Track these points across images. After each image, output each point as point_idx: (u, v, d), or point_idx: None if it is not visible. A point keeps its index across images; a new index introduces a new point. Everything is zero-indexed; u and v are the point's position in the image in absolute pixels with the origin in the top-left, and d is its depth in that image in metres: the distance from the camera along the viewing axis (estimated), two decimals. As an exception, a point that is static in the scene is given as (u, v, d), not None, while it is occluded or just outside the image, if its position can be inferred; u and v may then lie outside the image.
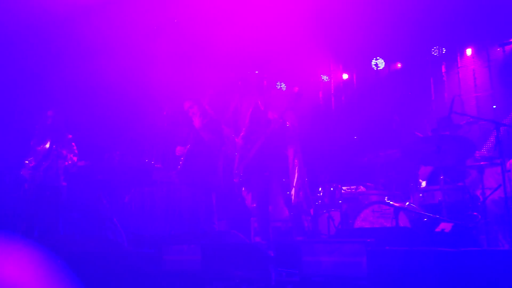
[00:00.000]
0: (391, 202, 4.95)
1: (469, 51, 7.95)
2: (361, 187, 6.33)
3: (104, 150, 7.17)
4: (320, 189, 6.02)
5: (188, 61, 8.07)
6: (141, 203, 7.30)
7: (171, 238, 4.81)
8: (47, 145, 5.99)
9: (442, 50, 8.10)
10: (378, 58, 8.74)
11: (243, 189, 5.22)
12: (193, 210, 5.36)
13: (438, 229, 4.40)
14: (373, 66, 8.77)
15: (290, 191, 4.94)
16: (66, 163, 5.87)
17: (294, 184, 4.91)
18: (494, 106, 7.18)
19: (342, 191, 6.02)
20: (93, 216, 6.08)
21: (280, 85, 9.30)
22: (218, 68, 7.83)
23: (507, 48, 7.52)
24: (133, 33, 7.50)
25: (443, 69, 8.18)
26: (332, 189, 5.99)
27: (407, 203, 5.20)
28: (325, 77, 9.32)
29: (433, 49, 8.14)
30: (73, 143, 6.10)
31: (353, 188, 6.28)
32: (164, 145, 7.14)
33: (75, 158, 5.98)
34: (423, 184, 5.80)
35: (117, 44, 7.53)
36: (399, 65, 8.70)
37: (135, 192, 7.10)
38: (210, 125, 5.28)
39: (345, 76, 9.28)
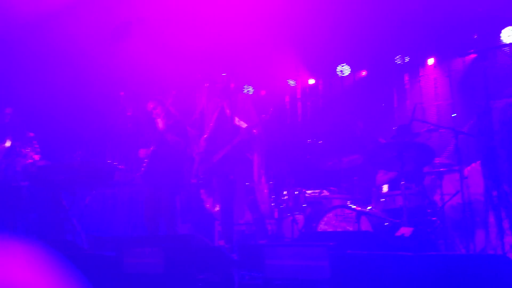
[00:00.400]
0: (353, 206, 5.02)
1: (431, 61, 8.19)
2: (325, 191, 6.41)
3: (65, 150, 6.99)
4: (284, 192, 6.06)
5: (153, 61, 7.98)
6: (103, 205, 7.15)
7: (133, 241, 4.73)
8: (6, 144, 5.79)
9: (405, 59, 8.31)
10: (343, 65, 8.88)
11: (202, 191, 5.19)
12: (156, 212, 5.29)
13: (398, 233, 4.50)
14: (338, 73, 8.91)
15: (254, 195, 4.95)
16: (26, 162, 5.70)
17: (258, 188, 4.92)
18: (454, 115, 7.40)
19: (306, 195, 6.08)
20: (52, 217, 5.91)
21: (247, 88, 9.31)
22: (184, 69, 7.78)
23: (467, 59, 7.78)
24: (97, 31, 7.36)
25: (406, 78, 8.39)
26: (296, 193, 6.04)
27: (369, 207, 5.29)
28: (292, 82, 9.39)
29: (396, 58, 8.34)
30: (34, 142, 5.92)
31: (317, 192, 6.34)
32: (127, 146, 7.03)
33: (36, 157, 5.80)
34: (385, 189, 5.92)
35: (81, 42, 7.37)
36: (364, 73, 8.86)
37: (97, 193, 6.95)
38: (175, 127, 5.22)
39: (311, 81, 9.38)
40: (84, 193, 6.51)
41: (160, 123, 5.19)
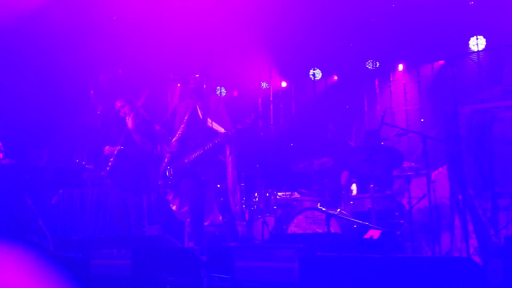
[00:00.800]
0: (323, 209, 5.06)
1: (400, 67, 8.35)
2: (296, 193, 6.44)
3: (31, 148, 6.81)
4: (255, 194, 6.06)
5: (125, 60, 7.87)
6: (70, 205, 7.00)
7: (100, 242, 4.64)
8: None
9: (376, 64, 8.45)
10: (315, 68, 8.97)
11: (169, 192, 5.12)
12: (124, 213, 5.20)
13: (367, 236, 4.55)
14: (311, 76, 8.98)
15: (226, 197, 4.91)
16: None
17: (230, 190, 4.88)
18: (422, 120, 7.56)
19: (277, 197, 6.10)
20: (17, 218, 5.74)
21: (220, 90, 9.29)
22: (157, 69, 7.70)
23: (436, 65, 7.96)
24: (67, 29, 7.21)
25: (376, 83, 8.52)
26: (267, 194, 6.05)
27: (339, 209, 5.34)
28: (264, 84, 9.42)
29: (367, 63, 8.47)
30: (-2, 139, 5.74)
31: (288, 194, 6.37)
32: (96, 145, 6.90)
33: (0, 155, 5.63)
34: (354, 192, 5.99)
35: (50, 40, 7.21)
36: (335, 77, 8.96)
37: (64, 193, 6.80)
38: (143, 126, 5.15)
39: (283, 84, 9.43)
40: (50, 193, 6.36)
41: (129, 122, 5.11)
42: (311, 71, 9.01)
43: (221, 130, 4.85)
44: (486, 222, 3.32)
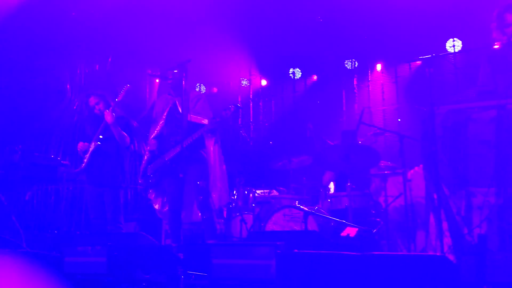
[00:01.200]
0: (301, 207, 5.08)
1: (379, 66, 8.43)
2: (274, 191, 6.46)
3: (4, 143, 6.67)
4: (234, 192, 6.05)
5: (102, 54, 7.76)
6: (44, 202, 6.87)
7: (75, 239, 4.57)
8: None
9: (355, 64, 8.52)
10: (295, 67, 9.00)
11: (151, 191, 5.07)
12: (100, 210, 5.13)
13: (343, 233, 4.59)
14: (290, 75, 9.01)
15: (206, 194, 4.86)
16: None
17: (214, 187, 4.83)
18: (399, 119, 7.66)
19: (256, 194, 6.10)
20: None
21: (200, 86, 9.24)
22: (134, 64, 7.62)
23: (413, 65, 8.07)
24: (43, 22, 7.07)
25: (355, 82, 8.60)
26: (246, 192, 6.05)
27: (316, 207, 5.37)
28: (244, 82, 9.41)
29: (346, 62, 8.54)
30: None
31: (266, 192, 6.38)
32: (72, 140, 6.79)
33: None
34: (332, 190, 6.04)
35: (25, 33, 7.06)
36: (315, 77, 9.01)
37: (38, 190, 6.67)
38: (118, 123, 5.08)
39: (263, 82, 9.43)
40: (24, 189, 6.24)
41: (107, 117, 5.02)
42: (291, 70, 9.04)
43: (204, 121, 4.78)
44: (460, 221, 3.38)
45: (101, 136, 5.05)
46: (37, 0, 6.78)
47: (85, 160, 5.10)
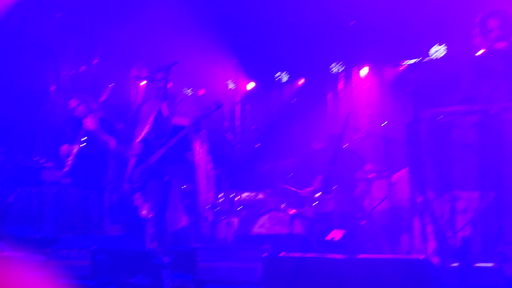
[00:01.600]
0: (287, 210, 5.09)
1: (364, 70, 8.49)
2: (260, 194, 6.46)
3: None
4: (220, 195, 6.04)
5: (87, 55, 7.70)
6: (28, 204, 6.77)
7: (59, 242, 4.52)
8: None
9: (341, 68, 8.57)
10: (282, 71, 9.02)
11: (137, 196, 5.03)
12: (84, 212, 5.08)
13: (329, 237, 4.61)
14: (277, 79, 9.04)
15: (193, 198, 4.84)
16: None
17: (200, 190, 4.81)
18: (385, 123, 7.71)
19: (242, 197, 6.09)
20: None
21: (186, 89, 9.20)
22: (120, 66, 7.57)
23: (399, 69, 8.14)
24: (27, 23, 7.00)
25: (340, 86, 8.64)
26: (232, 195, 6.04)
27: (302, 211, 5.39)
28: (231, 85, 9.40)
29: (331, 66, 8.58)
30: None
31: (252, 195, 6.38)
32: (57, 143, 6.71)
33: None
34: (318, 193, 6.06)
35: (9, 34, 6.98)
36: (302, 81, 9.04)
37: (21, 192, 6.58)
38: (102, 125, 5.04)
39: (251, 86, 9.44)
40: (7, 191, 6.16)
41: (88, 122, 4.99)
42: (278, 74, 9.07)
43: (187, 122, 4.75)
44: (444, 224, 3.42)
45: (84, 138, 5.01)
46: (22, 1, 6.71)
47: (69, 163, 5.05)
